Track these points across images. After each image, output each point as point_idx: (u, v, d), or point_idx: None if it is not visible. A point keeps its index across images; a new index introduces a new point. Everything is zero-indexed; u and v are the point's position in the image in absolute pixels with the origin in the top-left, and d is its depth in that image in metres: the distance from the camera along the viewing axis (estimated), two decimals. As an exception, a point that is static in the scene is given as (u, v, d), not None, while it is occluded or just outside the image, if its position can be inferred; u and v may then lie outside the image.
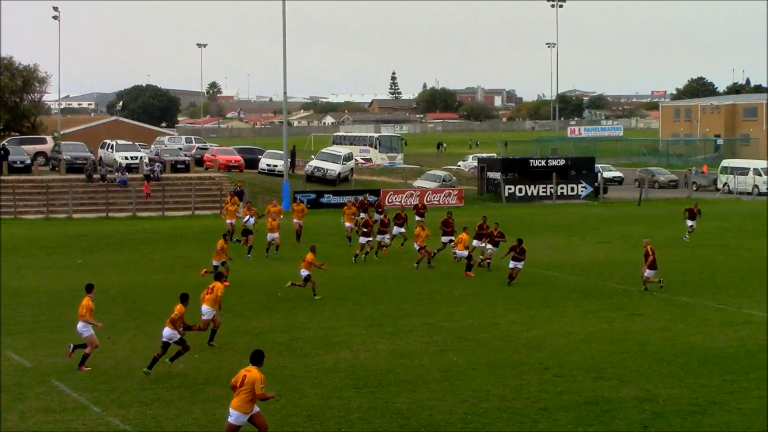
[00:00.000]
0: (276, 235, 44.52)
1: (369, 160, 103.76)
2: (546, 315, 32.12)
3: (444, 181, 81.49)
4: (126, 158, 74.19)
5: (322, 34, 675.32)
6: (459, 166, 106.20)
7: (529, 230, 52.57)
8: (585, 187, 78.91)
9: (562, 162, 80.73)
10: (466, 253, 40.22)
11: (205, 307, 27.48)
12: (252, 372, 18.20)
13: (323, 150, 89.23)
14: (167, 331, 24.62)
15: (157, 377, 24.08)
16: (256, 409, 18.31)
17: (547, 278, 38.29)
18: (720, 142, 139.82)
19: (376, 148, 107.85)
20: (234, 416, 18.16)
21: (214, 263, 37.44)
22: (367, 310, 32.86)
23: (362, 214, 48.97)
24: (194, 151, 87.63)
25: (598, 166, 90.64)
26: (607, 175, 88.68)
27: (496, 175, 77.95)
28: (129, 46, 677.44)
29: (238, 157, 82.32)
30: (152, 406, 21.93)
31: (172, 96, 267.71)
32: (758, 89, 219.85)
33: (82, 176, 70.17)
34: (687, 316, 31.92)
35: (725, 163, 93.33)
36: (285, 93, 72.60)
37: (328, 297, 35.22)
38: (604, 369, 24.99)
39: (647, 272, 35.66)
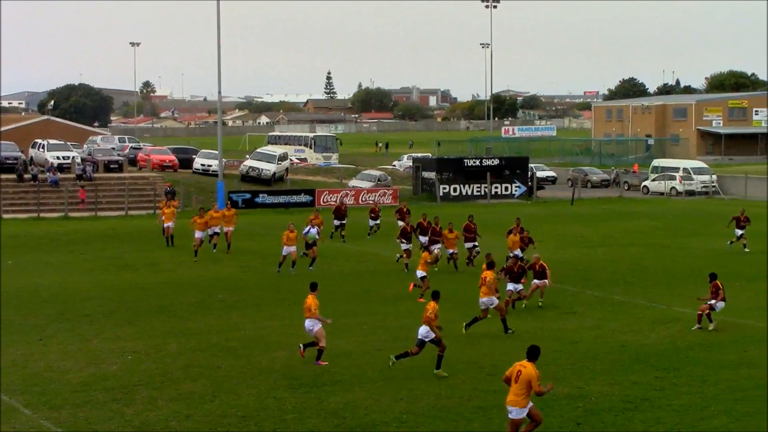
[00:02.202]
0: (293, 249, 40.68)
1: (304, 159, 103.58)
2: (474, 314, 32.23)
3: (379, 180, 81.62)
4: (58, 158, 73.39)
5: (257, 33, 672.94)
6: (394, 165, 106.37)
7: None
8: (519, 187, 79.41)
9: (496, 162, 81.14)
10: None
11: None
12: (527, 368, 18.41)
13: (258, 150, 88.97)
14: (423, 330, 24.82)
15: (89, 379, 23.91)
16: (530, 402, 18.50)
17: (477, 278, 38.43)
18: (651, 141, 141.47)
19: (311, 147, 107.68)
20: (514, 412, 18.39)
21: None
22: (299, 311, 32.75)
23: (400, 222, 48.37)
24: (127, 150, 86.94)
25: (532, 165, 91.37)
26: (540, 174, 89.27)
27: (431, 175, 78.22)
28: (61, 45, 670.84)
29: (172, 157, 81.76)
30: (84, 408, 21.75)
31: (105, 95, 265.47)
32: (687, 90, 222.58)
33: (13, 176, 69.29)
34: (619, 314, 32.26)
35: (656, 162, 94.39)
36: (219, 92, 72.24)
37: (265, 297, 35.17)
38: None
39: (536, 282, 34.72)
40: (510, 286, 32.42)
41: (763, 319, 30.77)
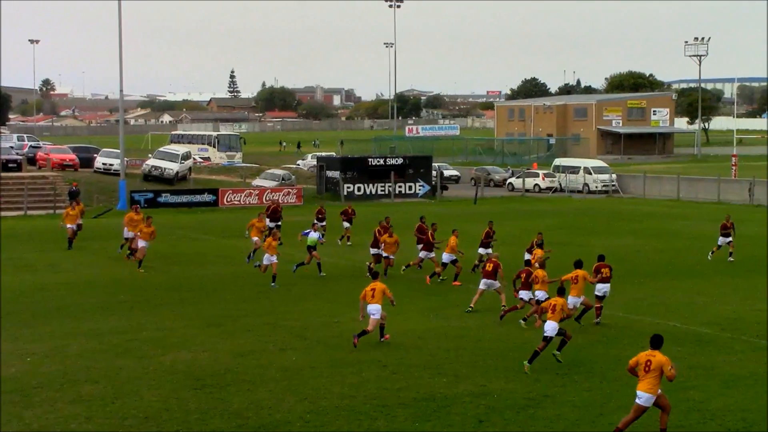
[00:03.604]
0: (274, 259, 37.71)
1: (207, 158, 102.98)
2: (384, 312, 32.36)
3: (283, 179, 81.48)
4: (-46, 157, 72.02)
5: (160, 31, 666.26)
6: (298, 165, 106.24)
7: (368, 228, 52.88)
8: (422, 186, 79.84)
9: (400, 161, 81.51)
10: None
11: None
12: (657, 356, 19.34)
13: (160, 149, 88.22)
14: (550, 325, 25.03)
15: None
16: (659, 390, 19.28)
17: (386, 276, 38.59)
18: (552, 141, 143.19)
19: (214, 146, 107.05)
20: (644, 398, 19.23)
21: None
22: (206, 310, 32.64)
23: (345, 224, 48.88)
24: (27, 149, 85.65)
25: (438, 164, 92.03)
26: (444, 173, 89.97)
27: (335, 174, 78.29)
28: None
29: (73, 156, 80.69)
30: (-17, 411, 21.37)
31: (3, 93, 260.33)
32: (588, 90, 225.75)
33: None
34: (521, 312, 32.55)
35: (557, 161, 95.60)
36: (121, 91, 71.48)
37: (167, 298, 34.89)
38: (441, 365, 25.36)
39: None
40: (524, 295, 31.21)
41: (658, 316, 31.32)
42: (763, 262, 42.55)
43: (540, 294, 29.89)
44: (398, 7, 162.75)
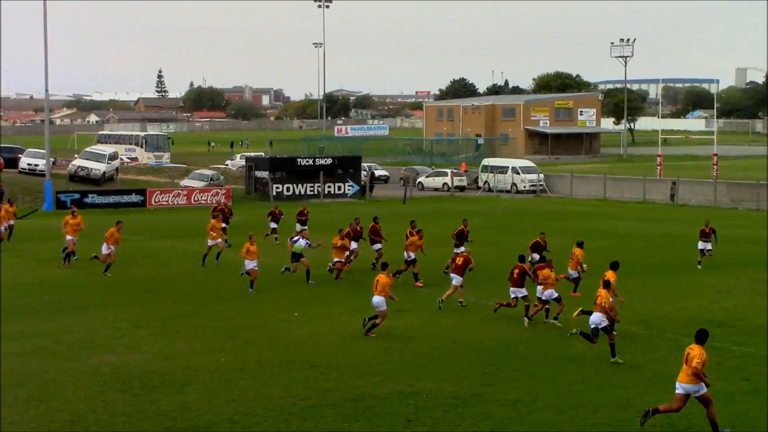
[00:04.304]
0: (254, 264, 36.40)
1: (135, 159, 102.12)
2: (314, 313, 32.37)
3: (211, 180, 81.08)
4: None
5: (86, 30, 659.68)
6: (227, 165, 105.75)
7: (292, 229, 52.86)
8: (352, 186, 79.87)
9: (329, 161, 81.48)
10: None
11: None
12: (694, 350, 19.71)
13: (87, 149, 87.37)
14: (596, 317, 25.96)
15: None
16: (703, 388, 19.75)
17: (315, 276, 38.56)
18: (480, 141, 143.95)
19: (142, 147, 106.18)
20: (681, 389, 19.81)
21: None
22: (134, 312, 32.38)
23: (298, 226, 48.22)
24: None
25: (369, 164, 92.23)
26: (374, 173, 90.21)
27: (264, 174, 78.04)
28: None
29: (-3, 156, 79.58)
30: None
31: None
32: (516, 90, 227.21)
33: None
34: (449, 311, 32.72)
35: (485, 161, 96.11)
36: (47, 90, 70.66)
37: (93, 299, 34.56)
38: (370, 365, 25.39)
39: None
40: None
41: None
42: (689, 261, 43.09)
43: (548, 293, 30.18)
44: (327, 7, 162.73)
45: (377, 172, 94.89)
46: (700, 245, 42.29)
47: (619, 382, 23.80)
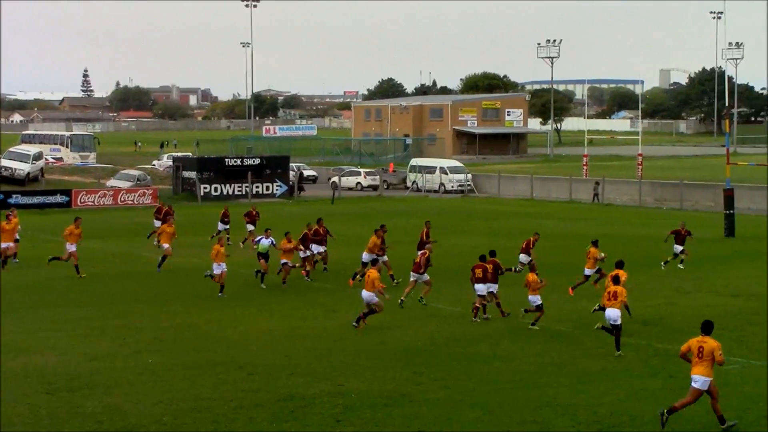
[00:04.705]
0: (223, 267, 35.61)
1: (60, 159, 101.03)
2: (243, 314, 32.26)
3: (138, 180, 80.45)
4: None
5: (9, 29, 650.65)
6: (154, 165, 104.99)
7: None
8: (280, 186, 79.68)
9: (257, 161, 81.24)
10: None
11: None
12: (709, 342, 19.93)
13: (11, 149, 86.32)
14: (614, 313, 26.61)
15: None
16: (711, 380, 19.94)
17: (245, 277, 38.44)
18: (409, 141, 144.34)
19: (67, 147, 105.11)
20: (700, 382, 19.88)
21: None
22: (59, 314, 32.01)
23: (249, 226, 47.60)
24: None
25: (298, 164, 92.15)
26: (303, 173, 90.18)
27: (191, 174, 77.59)
28: None
29: None
30: None
31: None
32: (444, 91, 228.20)
33: None
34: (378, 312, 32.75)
35: (413, 161, 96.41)
36: (-31, 89, 69.65)
37: (17, 301, 34.10)
38: (298, 365, 25.36)
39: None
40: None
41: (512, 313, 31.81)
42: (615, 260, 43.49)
43: (534, 299, 29.92)
44: (255, 6, 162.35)
45: (306, 173, 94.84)
46: (676, 248, 41.43)
47: (546, 380, 24.00)
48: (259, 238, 38.28)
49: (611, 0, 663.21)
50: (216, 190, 77.18)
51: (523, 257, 38.70)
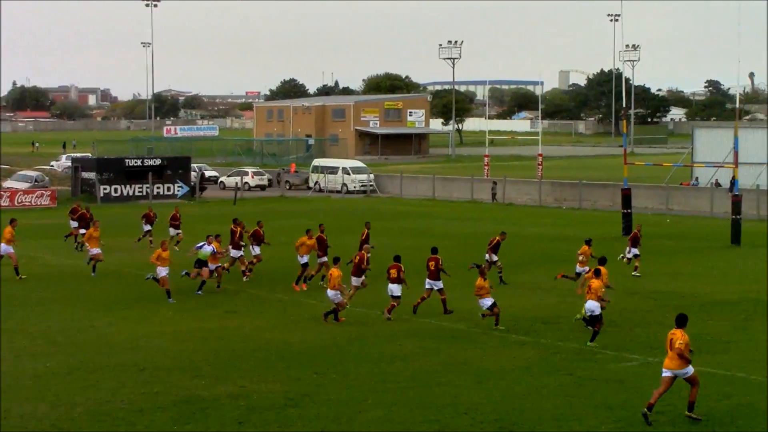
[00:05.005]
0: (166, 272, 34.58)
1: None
2: (141, 315, 31.96)
3: (36, 181, 79.18)
4: None
5: None
6: (52, 166, 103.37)
7: (126, 230, 52.18)
8: (181, 187, 79.01)
9: (158, 162, 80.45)
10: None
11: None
12: (676, 334, 20.63)
13: None
14: (591, 304, 27.62)
15: None
16: (692, 369, 20.72)
17: (140, 279, 38.11)
18: (311, 141, 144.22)
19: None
20: (672, 372, 20.66)
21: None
22: (-47, 318, 31.40)
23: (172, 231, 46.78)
24: None
25: (200, 165, 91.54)
26: (205, 174, 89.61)
27: (90, 175, 76.55)
28: None
29: None
30: None
31: None
32: (346, 91, 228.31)
33: None
34: (280, 312, 32.73)
35: (316, 162, 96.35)
36: None
37: None
38: (200, 367, 25.20)
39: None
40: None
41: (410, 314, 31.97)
42: (515, 259, 43.96)
43: (485, 302, 29.81)
44: (155, 6, 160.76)
45: (207, 173, 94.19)
46: (634, 251, 40.91)
47: (447, 379, 24.17)
48: (201, 244, 36.83)
49: (512, 1, 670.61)
50: (116, 191, 76.26)
51: (489, 256, 38.89)
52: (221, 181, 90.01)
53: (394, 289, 31.35)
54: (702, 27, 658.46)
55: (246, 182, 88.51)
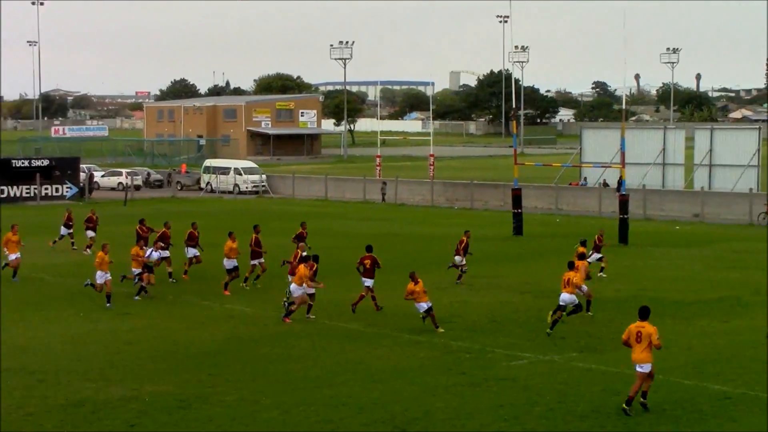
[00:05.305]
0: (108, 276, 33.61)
1: None
2: (34, 319, 31.47)
3: None
4: None
5: None
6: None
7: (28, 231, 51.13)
8: (70, 188, 77.88)
9: (46, 162, 79.24)
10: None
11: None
12: (646, 327, 21.07)
13: None
14: (567, 296, 28.98)
15: None
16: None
17: (34, 280, 37.44)
18: (202, 142, 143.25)
19: None
20: (645, 367, 21.03)
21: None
22: None
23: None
24: None
25: (89, 165, 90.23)
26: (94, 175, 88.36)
27: (-25, 176, 75.05)
28: None
29: None
30: None
31: None
32: (237, 91, 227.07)
33: None
34: (174, 313, 32.46)
35: (207, 162, 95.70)
36: None
37: None
38: (91, 370, 24.88)
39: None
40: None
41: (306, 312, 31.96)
42: (410, 259, 44.19)
43: (421, 306, 29.47)
44: (41, 4, 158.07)
45: (97, 174, 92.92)
46: (596, 256, 39.57)
47: (341, 379, 24.21)
48: (149, 250, 36.26)
49: (402, 1, 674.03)
50: (2, 192, 74.85)
51: (458, 259, 38.89)
52: (96, 182, 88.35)
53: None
54: (589, 29, 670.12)
55: (120, 182, 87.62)
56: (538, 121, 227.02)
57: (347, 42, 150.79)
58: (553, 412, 21.36)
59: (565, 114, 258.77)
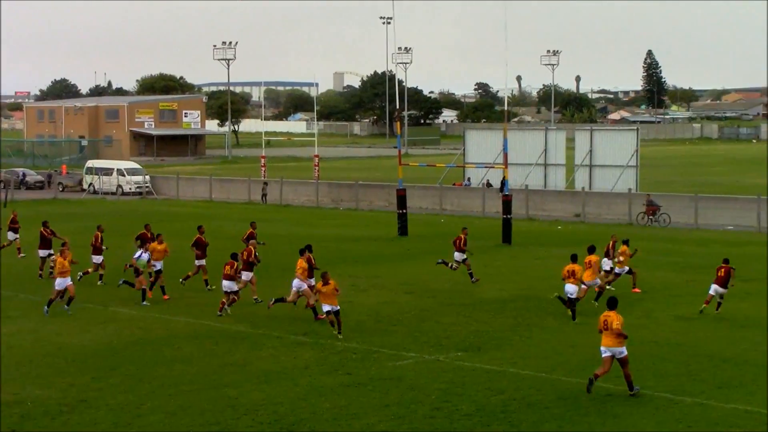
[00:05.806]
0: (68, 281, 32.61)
1: None
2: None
3: None
4: None
5: None
6: None
7: None
8: (-54, 190, 76.18)
9: None
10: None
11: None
12: (611, 315, 22.63)
13: None
14: (571, 288, 31.49)
15: None
16: (625, 350, 22.66)
17: None
18: (84, 143, 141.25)
19: None
20: (609, 352, 22.65)
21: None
22: None
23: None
24: None
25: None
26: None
27: None
28: None
29: None
30: None
31: None
32: (120, 92, 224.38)
33: None
34: (56, 316, 31.93)
35: (90, 163, 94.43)
36: None
37: None
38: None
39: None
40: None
41: (192, 316, 31.78)
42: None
43: (325, 307, 29.12)
44: None
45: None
46: (458, 256, 38.87)
47: (227, 381, 24.17)
48: (138, 253, 35.22)
49: (284, 1, 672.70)
50: None
51: (458, 255, 38.66)
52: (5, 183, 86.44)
53: (226, 285, 31.98)
54: (472, 31, 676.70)
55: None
56: (422, 122, 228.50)
57: (230, 42, 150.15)
58: (439, 411, 21.62)
59: (448, 115, 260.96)
